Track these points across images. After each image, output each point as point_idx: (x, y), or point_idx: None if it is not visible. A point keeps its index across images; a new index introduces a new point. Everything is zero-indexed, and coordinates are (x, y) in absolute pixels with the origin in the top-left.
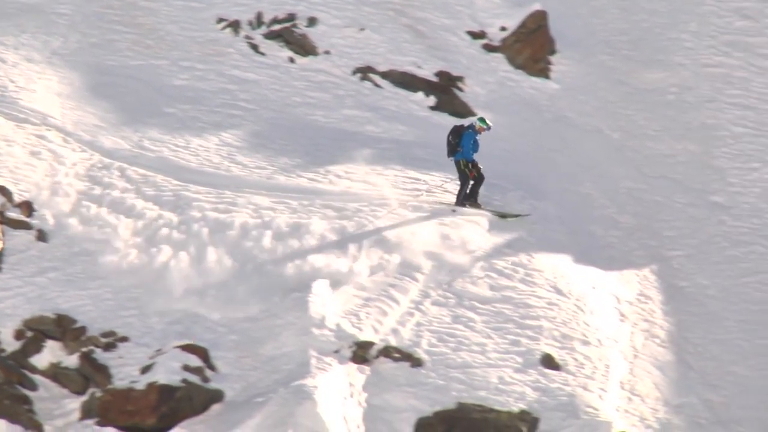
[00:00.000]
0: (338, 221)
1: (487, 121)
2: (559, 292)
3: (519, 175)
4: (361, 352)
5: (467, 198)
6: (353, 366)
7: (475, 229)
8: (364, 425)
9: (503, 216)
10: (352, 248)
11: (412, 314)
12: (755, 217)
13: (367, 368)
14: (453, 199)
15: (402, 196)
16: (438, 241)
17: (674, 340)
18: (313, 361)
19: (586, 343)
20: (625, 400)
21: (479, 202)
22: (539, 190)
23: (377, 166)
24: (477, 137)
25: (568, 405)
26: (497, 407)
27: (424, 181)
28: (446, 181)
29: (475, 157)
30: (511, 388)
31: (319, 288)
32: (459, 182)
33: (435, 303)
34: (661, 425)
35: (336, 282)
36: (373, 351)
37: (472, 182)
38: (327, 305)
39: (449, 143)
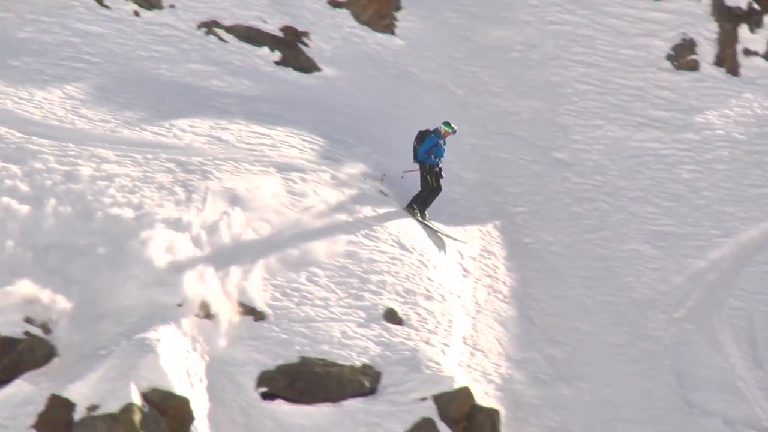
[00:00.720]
0: (183, 175)
1: (452, 125)
2: (402, 247)
3: (364, 131)
4: (203, 306)
5: (417, 204)
6: (196, 319)
7: (320, 184)
8: (207, 379)
9: (443, 234)
10: (196, 202)
11: (255, 269)
12: (599, 174)
13: (209, 322)
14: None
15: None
16: (283, 196)
17: (517, 296)
18: (156, 315)
19: (429, 298)
20: (468, 355)
21: (426, 214)
22: (384, 146)
23: (222, 121)
24: (441, 141)
25: (410, 359)
26: (340, 361)
27: (270, 136)
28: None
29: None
30: (353, 343)
31: (163, 241)
32: (420, 186)
33: (278, 258)
34: (503, 380)
35: (180, 235)
36: (217, 304)
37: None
38: (170, 258)
39: (414, 149)
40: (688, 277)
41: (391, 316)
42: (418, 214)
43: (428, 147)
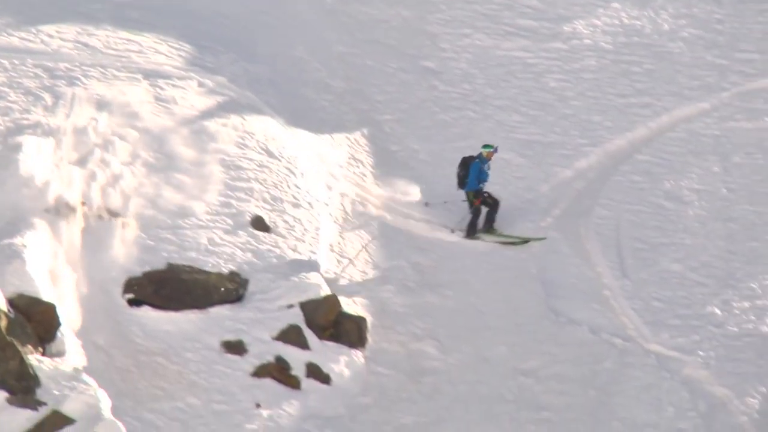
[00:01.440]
0: (50, 80)
1: (492, 145)
2: (270, 154)
3: (230, 37)
4: (70, 212)
5: (484, 225)
6: (63, 225)
7: (187, 90)
8: (73, 284)
9: (525, 241)
10: (62, 107)
11: (122, 175)
12: (466, 82)
13: (76, 228)
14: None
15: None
16: (150, 102)
17: (384, 204)
18: (23, 220)
19: (296, 205)
20: (335, 262)
21: (495, 228)
22: (251, 53)
23: (89, 27)
24: (485, 166)
25: (277, 267)
26: (207, 268)
27: (138, 42)
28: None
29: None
30: (221, 250)
31: (29, 146)
32: (471, 213)
33: (145, 164)
34: (370, 288)
35: (47, 140)
36: (83, 210)
37: (487, 209)
38: (37, 164)
39: (458, 176)
40: (555, 186)
41: (259, 224)
42: (487, 235)
43: (477, 174)
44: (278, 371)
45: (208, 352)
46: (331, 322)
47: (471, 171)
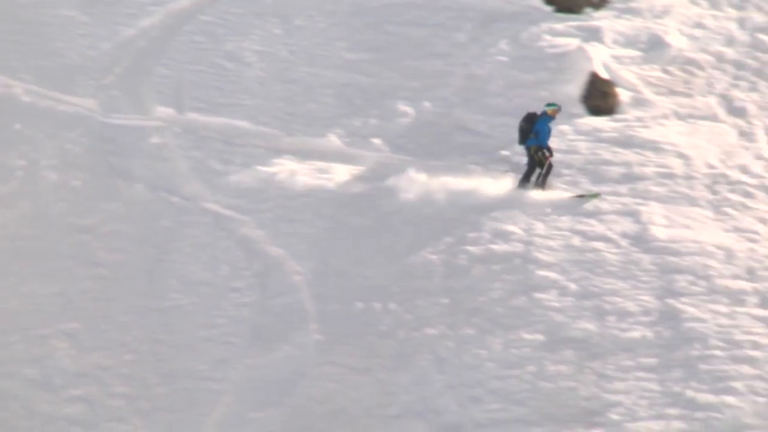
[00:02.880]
0: None
1: (555, 103)
2: None
3: None
4: None
5: (537, 182)
6: None
7: None
8: None
9: (580, 196)
10: None
11: None
12: None
13: None
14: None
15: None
16: None
17: None
18: None
19: None
20: None
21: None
22: None
23: None
24: (551, 123)
25: None
26: None
27: None
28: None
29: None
30: None
31: None
32: (528, 166)
33: None
34: None
35: None
36: None
37: (540, 168)
38: None
39: (521, 129)
40: (118, 44)
41: None
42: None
43: (547, 132)
44: None
45: None
46: None
47: (541, 128)
